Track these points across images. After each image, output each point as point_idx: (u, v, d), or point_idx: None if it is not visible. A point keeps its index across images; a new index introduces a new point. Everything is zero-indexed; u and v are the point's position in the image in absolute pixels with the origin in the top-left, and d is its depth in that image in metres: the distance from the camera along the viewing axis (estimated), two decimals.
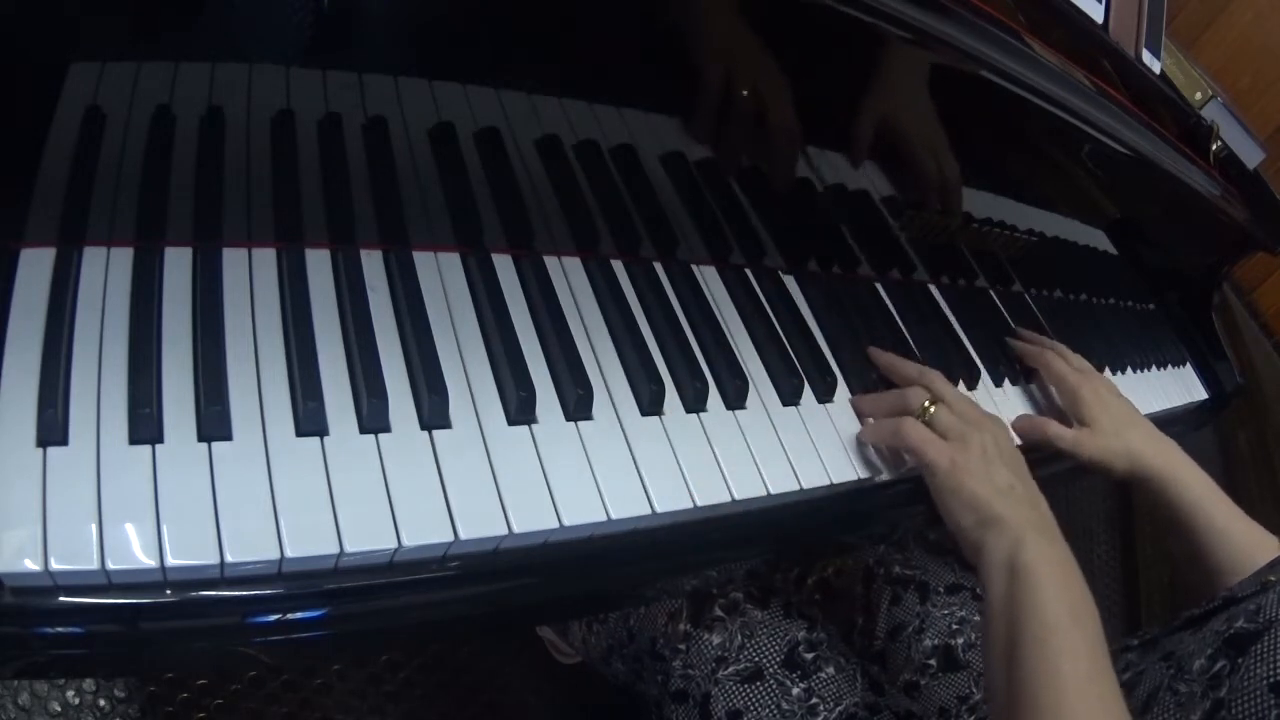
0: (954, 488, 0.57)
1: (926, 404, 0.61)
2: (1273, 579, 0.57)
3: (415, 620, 0.44)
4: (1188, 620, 0.60)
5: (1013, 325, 0.86)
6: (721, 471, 0.53)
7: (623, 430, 0.51)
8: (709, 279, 0.64)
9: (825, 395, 0.62)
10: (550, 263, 0.56)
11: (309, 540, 0.39)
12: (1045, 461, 0.76)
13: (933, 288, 0.81)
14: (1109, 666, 0.50)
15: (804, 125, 0.62)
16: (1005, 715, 0.50)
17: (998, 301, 0.89)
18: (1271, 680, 0.47)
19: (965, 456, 0.57)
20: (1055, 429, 0.74)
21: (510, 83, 0.52)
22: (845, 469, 0.59)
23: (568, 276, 0.57)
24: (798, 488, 0.55)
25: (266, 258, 0.47)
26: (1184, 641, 0.57)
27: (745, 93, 0.58)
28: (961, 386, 0.74)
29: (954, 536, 0.58)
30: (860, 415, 0.63)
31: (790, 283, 0.68)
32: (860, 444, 0.61)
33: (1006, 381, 0.78)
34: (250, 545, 0.38)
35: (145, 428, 0.39)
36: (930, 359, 0.73)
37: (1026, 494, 0.58)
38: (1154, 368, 1.09)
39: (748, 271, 0.66)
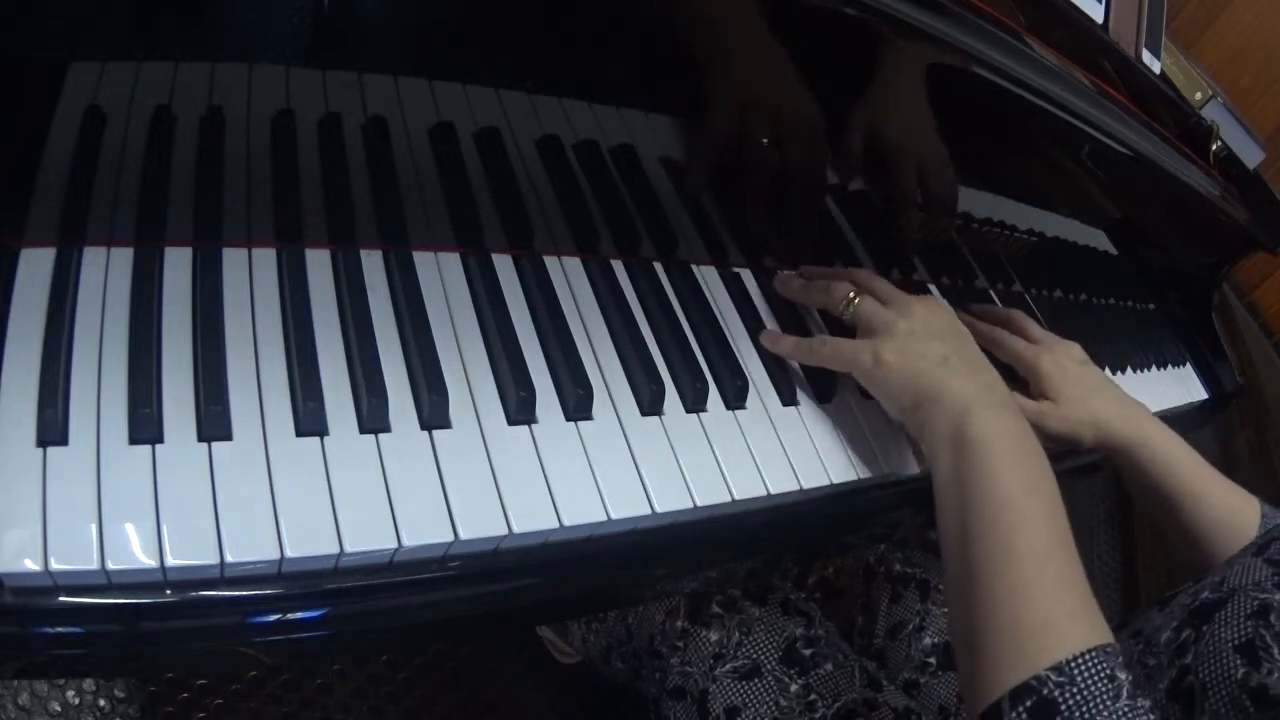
0: (884, 378, 0.55)
1: (851, 295, 0.59)
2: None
3: (415, 620, 0.44)
4: (1158, 601, 0.60)
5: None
6: (721, 471, 0.53)
7: (623, 430, 0.51)
8: (709, 279, 0.64)
9: (825, 396, 0.62)
10: (550, 263, 0.56)
11: (309, 540, 0.39)
12: None
13: (933, 288, 0.81)
14: (1069, 540, 0.47)
15: (800, 126, 0.62)
16: (962, 599, 0.48)
17: (998, 301, 0.89)
18: (1236, 642, 0.47)
19: (890, 343, 0.55)
20: (1016, 399, 0.69)
21: (510, 83, 0.52)
22: (845, 469, 0.59)
23: (568, 276, 0.57)
24: (798, 488, 0.55)
25: (266, 258, 0.47)
26: (1152, 618, 0.57)
27: (743, 93, 0.58)
28: None
29: (903, 426, 0.56)
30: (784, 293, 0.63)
31: None
32: (860, 444, 0.61)
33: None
34: (250, 545, 0.38)
35: (145, 428, 0.39)
36: None
37: (965, 365, 0.55)
38: (1154, 368, 1.09)
39: (748, 271, 0.66)
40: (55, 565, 0.34)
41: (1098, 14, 0.77)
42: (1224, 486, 0.68)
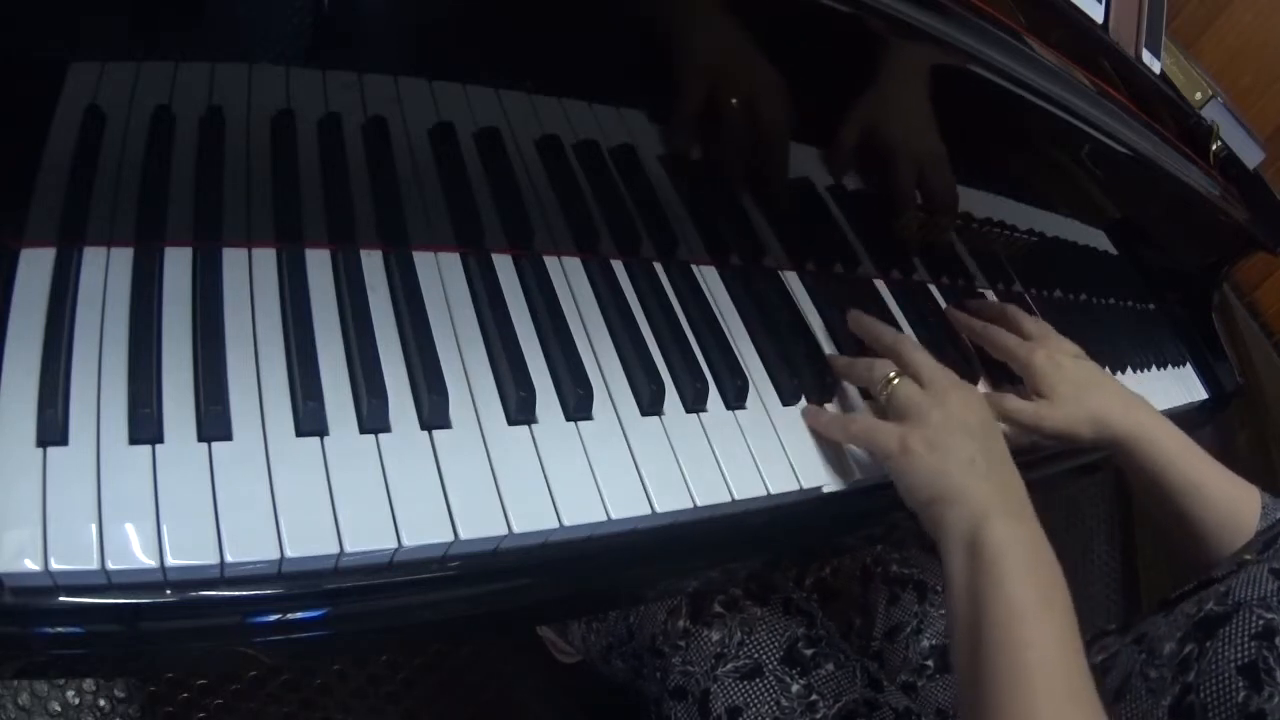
0: (906, 468, 0.54)
1: (890, 376, 0.58)
2: (1248, 559, 0.57)
3: (415, 620, 0.44)
4: (1161, 603, 0.60)
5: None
6: (721, 471, 0.53)
7: (623, 430, 0.51)
8: (709, 279, 0.64)
9: (825, 396, 0.62)
10: (550, 263, 0.57)
11: (309, 540, 0.39)
12: (1043, 463, 0.76)
13: (933, 288, 0.81)
14: (1081, 657, 0.47)
15: (801, 127, 0.62)
16: (971, 703, 0.48)
17: (998, 301, 0.89)
18: (1239, 662, 0.47)
19: (920, 433, 0.54)
20: (1013, 403, 0.68)
21: (510, 83, 0.52)
22: (845, 469, 0.59)
23: (568, 276, 0.57)
24: (798, 488, 0.55)
25: (266, 258, 0.47)
26: (1156, 624, 0.57)
27: (743, 94, 0.58)
28: None
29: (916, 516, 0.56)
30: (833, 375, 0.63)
31: (791, 282, 0.68)
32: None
33: (1005, 384, 0.78)
34: (250, 545, 0.38)
35: (145, 428, 0.39)
36: None
37: (990, 468, 0.54)
38: (1154, 368, 1.09)
39: (748, 271, 0.66)
40: (55, 565, 0.34)
41: (1098, 14, 0.77)
42: (1225, 478, 0.68)
